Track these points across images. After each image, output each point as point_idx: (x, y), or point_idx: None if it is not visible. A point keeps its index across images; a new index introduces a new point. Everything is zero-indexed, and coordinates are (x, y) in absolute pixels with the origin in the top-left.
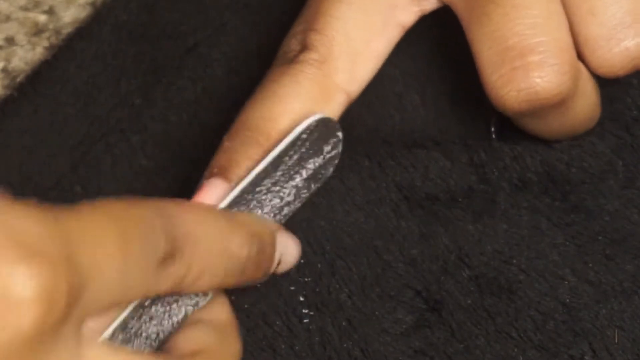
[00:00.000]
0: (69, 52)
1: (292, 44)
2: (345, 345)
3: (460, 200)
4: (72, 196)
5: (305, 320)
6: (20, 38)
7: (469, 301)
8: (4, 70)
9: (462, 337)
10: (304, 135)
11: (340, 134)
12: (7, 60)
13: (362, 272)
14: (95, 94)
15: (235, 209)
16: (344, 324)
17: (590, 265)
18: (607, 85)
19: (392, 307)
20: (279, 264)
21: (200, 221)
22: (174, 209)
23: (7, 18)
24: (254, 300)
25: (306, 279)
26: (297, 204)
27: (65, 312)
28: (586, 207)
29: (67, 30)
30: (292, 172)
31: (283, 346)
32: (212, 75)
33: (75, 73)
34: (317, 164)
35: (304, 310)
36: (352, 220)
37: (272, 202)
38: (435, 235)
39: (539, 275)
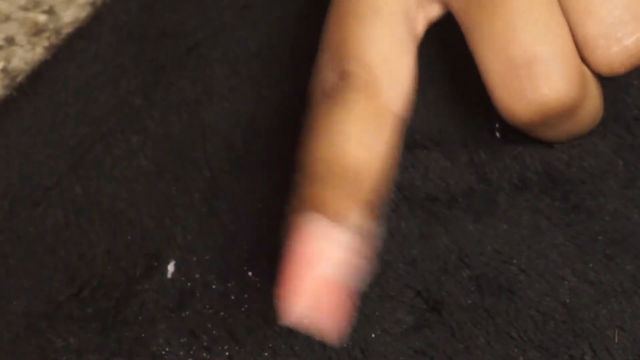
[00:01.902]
0: (69, 52)
1: (326, 76)
2: (345, 345)
3: (460, 200)
4: (72, 196)
5: None
6: (20, 38)
7: (469, 301)
8: (4, 70)
9: (462, 337)
10: None
11: None
12: (7, 60)
13: None
14: (95, 94)
15: None
16: None
17: (590, 265)
18: (608, 85)
19: (392, 308)
20: None
21: None
22: None
23: (7, 18)
24: (253, 301)
25: None
26: None
27: None
28: (586, 207)
29: (67, 30)
30: None
31: (283, 346)
32: (212, 75)
33: (75, 73)
34: None
35: None
36: None
37: None
38: (435, 235)
39: (539, 275)
